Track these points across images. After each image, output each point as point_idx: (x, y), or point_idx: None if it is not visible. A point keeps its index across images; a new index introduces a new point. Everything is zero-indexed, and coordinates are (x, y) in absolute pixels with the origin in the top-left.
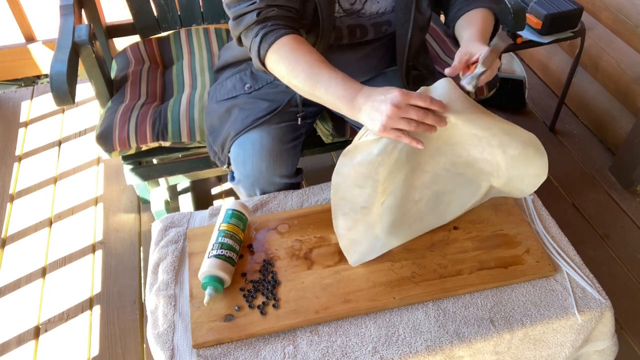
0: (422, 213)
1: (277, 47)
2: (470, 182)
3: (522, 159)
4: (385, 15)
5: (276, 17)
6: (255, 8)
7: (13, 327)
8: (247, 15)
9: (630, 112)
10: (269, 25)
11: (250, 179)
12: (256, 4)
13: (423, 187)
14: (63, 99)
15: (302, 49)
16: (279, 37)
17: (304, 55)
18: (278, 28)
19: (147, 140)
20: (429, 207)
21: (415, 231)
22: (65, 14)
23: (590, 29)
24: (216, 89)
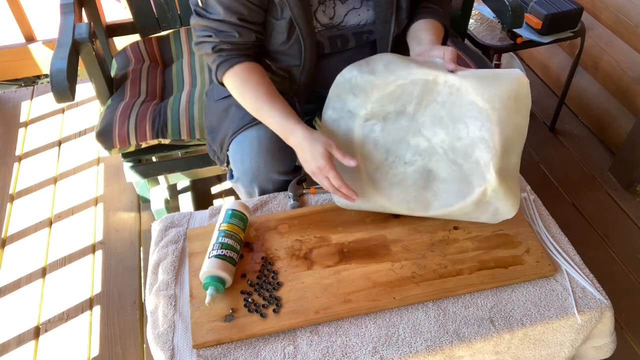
0: (407, 183)
1: (228, 77)
2: (464, 180)
3: (517, 143)
4: (367, 26)
5: (231, 49)
6: (211, 42)
7: (13, 327)
8: (204, 44)
9: (630, 112)
10: (224, 55)
11: (249, 176)
12: (212, 39)
13: (416, 151)
14: (63, 95)
15: (250, 81)
16: (231, 66)
17: (250, 89)
18: (231, 57)
19: (147, 137)
20: (416, 181)
21: (395, 200)
22: (66, 13)
23: (590, 29)
24: (213, 88)
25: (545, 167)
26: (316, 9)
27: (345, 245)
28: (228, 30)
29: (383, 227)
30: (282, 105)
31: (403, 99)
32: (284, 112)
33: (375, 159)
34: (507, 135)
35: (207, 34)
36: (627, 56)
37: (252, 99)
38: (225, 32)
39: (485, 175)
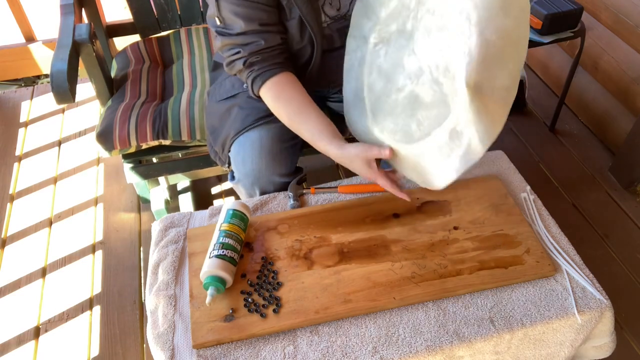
0: (397, 111)
1: (263, 93)
2: (443, 101)
3: (499, 52)
4: None
5: (261, 60)
6: (241, 57)
7: (13, 327)
8: (235, 63)
9: (630, 112)
10: (256, 69)
11: (250, 178)
12: (241, 54)
13: (408, 74)
14: (63, 96)
15: (282, 98)
16: (265, 80)
17: (283, 106)
18: (263, 71)
19: (148, 138)
20: (404, 109)
21: (386, 131)
22: (66, 13)
23: (590, 29)
24: (215, 89)
25: (545, 167)
26: (323, 2)
27: (345, 245)
28: (253, 40)
29: (383, 227)
30: (313, 123)
31: (403, 14)
32: (315, 131)
33: (377, 89)
34: (490, 41)
35: (235, 51)
36: (627, 56)
37: (285, 118)
38: (251, 43)
39: (457, 90)
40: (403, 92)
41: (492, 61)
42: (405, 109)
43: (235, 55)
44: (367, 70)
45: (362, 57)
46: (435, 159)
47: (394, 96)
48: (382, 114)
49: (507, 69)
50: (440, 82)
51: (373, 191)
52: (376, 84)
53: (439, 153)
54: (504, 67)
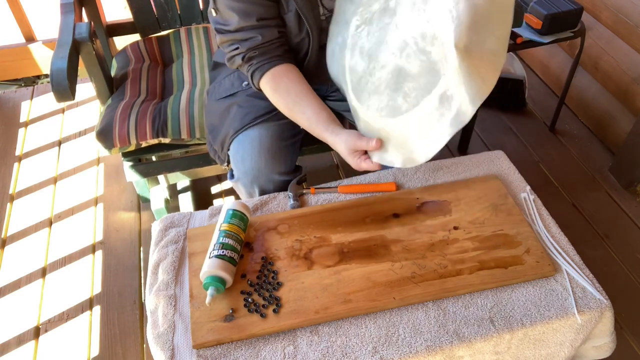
0: (381, 88)
1: (263, 85)
2: (432, 69)
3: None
4: None
5: (260, 54)
6: (239, 52)
7: (13, 327)
8: (235, 58)
9: (630, 112)
10: (255, 63)
11: (249, 176)
12: (239, 49)
13: (391, 51)
14: (63, 95)
15: (280, 89)
16: (264, 73)
17: (280, 97)
18: (261, 64)
19: (147, 136)
20: (388, 84)
21: (371, 109)
22: (66, 12)
23: (590, 29)
24: (215, 88)
25: (545, 167)
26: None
27: (345, 245)
28: (251, 36)
29: (383, 227)
30: (311, 111)
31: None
32: (313, 118)
33: (359, 70)
34: (478, 5)
35: (234, 47)
36: (627, 56)
37: (284, 108)
38: (248, 39)
39: (447, 54)
40: (387, 68)
41: (480, 25)
42: (389, 84)
43: (235, 51)
44: (349, 53)
45: (344, 42)
46: (424, 128)
47: (378, 74)
48: (366, 93)
49: (494, 34)
50: (428, 50)
51: (373, 191)
52: (358, 65)
53: (428, 120)
54: (491, 32)
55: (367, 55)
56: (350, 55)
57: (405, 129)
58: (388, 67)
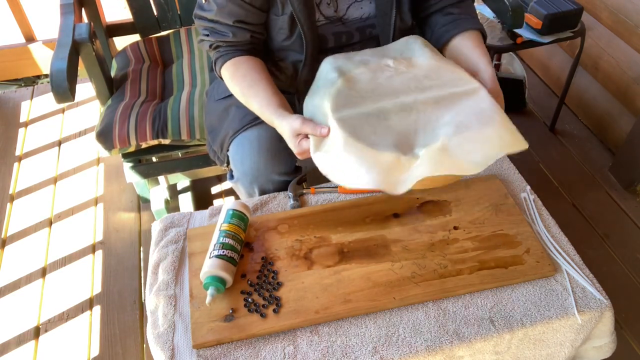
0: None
1: (223, 72)
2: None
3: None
4: (370, 19)
5: (226, 47)
6: (208, 40)
7: (13, 327)
8: (204, 42)
9: (630, 112)
10: (221, 51)
11: (249, 176)
12: (208, 38)
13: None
14: (63, 96)
15: (236, 76)
16: (225, 62)
17: (236, 84)
18: (225, 54)
19: (147, 137)
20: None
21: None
22: (66, 13)
23: (590, 29)
24: (214, 88)
25: (545, 167)
26: (320, 1)
27: (345, 245)
28: (222, 31)
29: (383, 227)
30: (263, 95)
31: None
32: (264, 102)
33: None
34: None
35: (205, 32)
36: (627, 56)
37: (239, 94)
38: (219, 32)
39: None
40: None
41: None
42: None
43: (205, 37)
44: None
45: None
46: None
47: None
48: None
49: (482, 151)
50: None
51: (373, 191)
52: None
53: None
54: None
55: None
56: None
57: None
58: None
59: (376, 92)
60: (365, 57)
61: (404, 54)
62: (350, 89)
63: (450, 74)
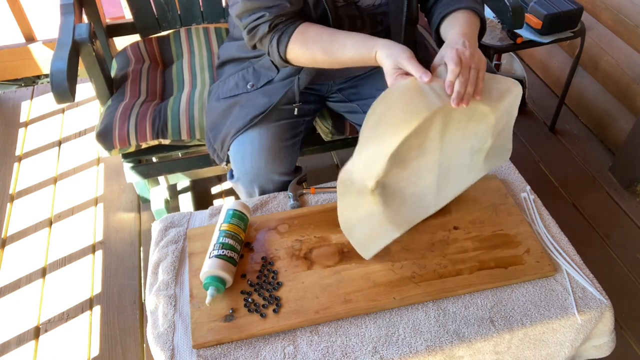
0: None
1: (292, 46)
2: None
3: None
4: (381, 7)
5: (285, 21)
6: (266, 20)
7: (13, 327)
8: (259, 27)
9: (630, 112)
10: (281, 28)
11: (249, 176)
12: (266, 17)
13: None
14: (63, 96)
15: (311, 38)
16: (290, 35)
17: (316, 44)
18: (287, 27)
19: (147, 138)
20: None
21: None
22: (66, 13)
23: (590, 29)
24: (218, 86)
25: (545, 167)
26: None
27: (345, 245)
28: (279, 3)
29: None
30: (352, 40)
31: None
32: (358, 44)
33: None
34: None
35: (259, 14)
36: (627, 56)
37: (322, 55)
38: (277, 5)
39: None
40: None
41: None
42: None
43: (260, 20)
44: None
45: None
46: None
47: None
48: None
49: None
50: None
51: None
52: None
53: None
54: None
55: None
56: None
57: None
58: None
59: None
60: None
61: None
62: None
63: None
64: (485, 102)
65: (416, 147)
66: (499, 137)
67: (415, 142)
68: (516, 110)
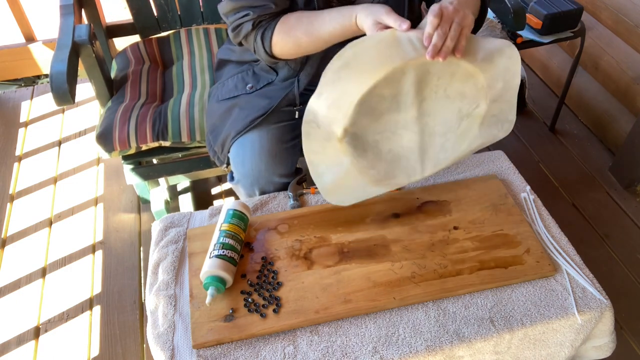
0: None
1: (275, 37)
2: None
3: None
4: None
5: (269, 19)
6: (250, 19)
7: (13, 327)
8: (243, 25)
9: (630, 112)
10: (264, 25)
11: (249, 178)
12: (250, 16)
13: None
14: (63, 98)
15: (291, 24)
16: (273, 29)
17: (297, 28)
18: (269, 24)
19: (147, 140)
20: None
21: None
22: (66, 14)
23: (590, 29)
24: (218, 88)
25: (545, 167)
26: None
27: (345, 245)
28: (264, 4)
29: (383, 227)
30: (330, 16)
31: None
32: (336, 15)
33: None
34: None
35: (244, 13)
36: (627, 56)
37: (305, 38)
38: (261, 6)
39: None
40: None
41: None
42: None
43: (244, 18)
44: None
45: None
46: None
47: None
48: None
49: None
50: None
51: None
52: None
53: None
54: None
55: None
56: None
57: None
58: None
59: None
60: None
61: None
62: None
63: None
64: (469, 61)
65: (388, 98)
66: (496, 105)
67: (387, 93)
68: (517, 77)
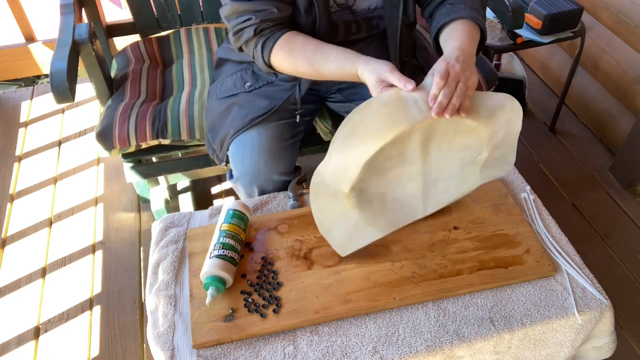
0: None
1: (276, 53)
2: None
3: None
4: (377, 10)
5: (271, 27)
6: (252, 24)
7: (13, 327)
8: (245, 30)
9: (630, 112)
10: (266, 33)
11: (249, 176)
12: (252, 20)
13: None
14: (63, 96)
15: (296, 48)
16: (276, 41)
17: (300, 53)
18: (273, 33)
19: (147, 138)
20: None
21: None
22: (66, 13)
23: (590, 29)
24: (217, 87)
25: (545, 167)
26: None
27: None
28: (267, 8)
29: None
30: (335, 53)
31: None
32: (340, 58)
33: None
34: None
35: (246, 17)
36: (627, 56)
37: (305, 65)
38: (264, 10)
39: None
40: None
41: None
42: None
43: (246, 23)
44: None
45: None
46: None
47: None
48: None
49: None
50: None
51: None
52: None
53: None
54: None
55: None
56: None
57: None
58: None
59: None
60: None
61: None
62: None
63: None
64: (473, 118)
65: (394, 156)
66: (498, 150)
67: (393, 152)
68: (518, 124)
